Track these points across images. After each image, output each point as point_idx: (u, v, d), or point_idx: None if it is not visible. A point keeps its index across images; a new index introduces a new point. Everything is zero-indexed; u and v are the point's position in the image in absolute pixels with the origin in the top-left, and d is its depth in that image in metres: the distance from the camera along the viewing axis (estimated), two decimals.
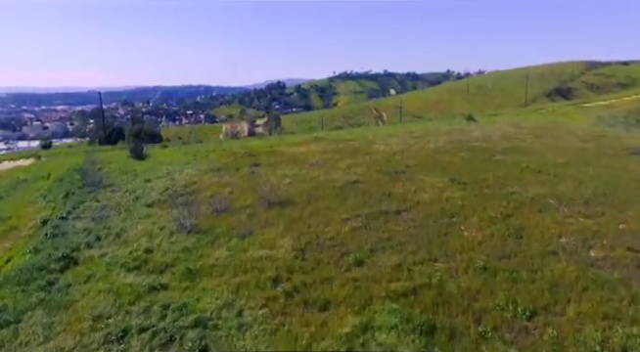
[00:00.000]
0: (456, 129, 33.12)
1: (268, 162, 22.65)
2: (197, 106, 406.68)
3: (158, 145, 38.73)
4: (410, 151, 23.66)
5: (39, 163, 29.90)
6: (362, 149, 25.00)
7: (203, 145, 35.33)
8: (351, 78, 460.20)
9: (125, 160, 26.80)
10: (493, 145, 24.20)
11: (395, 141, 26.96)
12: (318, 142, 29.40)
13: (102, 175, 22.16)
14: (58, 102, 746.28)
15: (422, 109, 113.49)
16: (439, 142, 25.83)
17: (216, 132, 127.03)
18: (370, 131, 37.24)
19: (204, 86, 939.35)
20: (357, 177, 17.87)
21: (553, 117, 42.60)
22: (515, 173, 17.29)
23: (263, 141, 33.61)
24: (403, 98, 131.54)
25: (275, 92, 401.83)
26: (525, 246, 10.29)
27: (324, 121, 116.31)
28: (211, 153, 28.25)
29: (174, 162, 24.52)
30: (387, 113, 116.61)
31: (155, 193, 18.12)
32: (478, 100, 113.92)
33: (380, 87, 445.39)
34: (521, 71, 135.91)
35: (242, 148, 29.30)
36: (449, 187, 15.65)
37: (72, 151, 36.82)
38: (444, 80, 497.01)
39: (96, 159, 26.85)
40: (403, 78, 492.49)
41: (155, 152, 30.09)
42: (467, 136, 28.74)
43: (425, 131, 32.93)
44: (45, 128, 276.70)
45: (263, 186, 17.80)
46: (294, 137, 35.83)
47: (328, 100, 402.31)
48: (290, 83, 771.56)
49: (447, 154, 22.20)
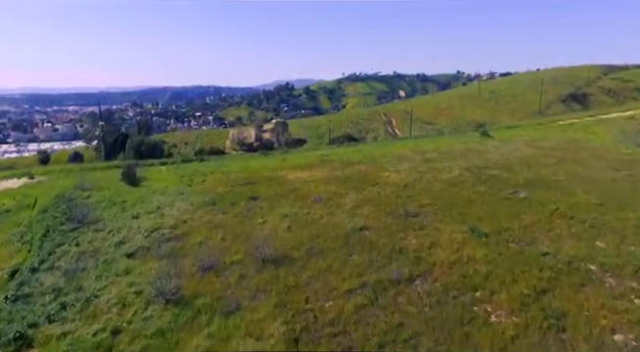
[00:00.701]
0: (471, 148, 30.98)
1: (268, 194, 20.80)
2: (206, 107, 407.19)
3: (157, 161, 37.09)
4: (422, 181, 21.64)
5: (30, 185, 28.37)
6: (370, 176, 23.03)
7: (203, 163, 33.59)
8: (360, 80, 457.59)
9: (118, 185, 25.15)
10: (514, 175, 22.07)
11: (406, 167, 24.93)
12: (324, 165, 27.48)
13: (88, 208, 20.48)
14: (70, 102, 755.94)
15: (432, 114, 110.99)
16: (454, 169, 23.75)
17: (223, 137, 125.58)
18: (378, 148, 35.20)
19: (213, 87, 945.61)
20: (364, 221, 15.94)
21: (573, 132, 40.16)
22: (544, 219, 15.22)
23: (266, 160, 31.75)
24: (413, 103, 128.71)
25: (284, 93, 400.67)
26: (571, 347, 8.27)
27: (332, 127, 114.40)
28: (209, 176, 26.53)
29: (168, 191, 22.79)
30: (396, 119, 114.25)
31: (140, 236, 16.39)
32: (490, 106, 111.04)
33: (389, 88, 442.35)
34: (534, 76, 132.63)
35: (242, 171, 27.51)
36: (469, 240, 13.65)
37: (68, 168, 35.28)
38: (454, 82, 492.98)
39: (86, 185, 25.19)
40: (413, 80, 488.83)
41: (150, 174, 28.40)
42: (483, 159, 26.62)
43: (437, 150, 30.84)
44: (55, 130, 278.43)
45: (259, 230, 15.98)
46: (299, 155, 33.93)
47: (337, 101, 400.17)
48: (299, 84, 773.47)
49: (464, 187, 20.14)
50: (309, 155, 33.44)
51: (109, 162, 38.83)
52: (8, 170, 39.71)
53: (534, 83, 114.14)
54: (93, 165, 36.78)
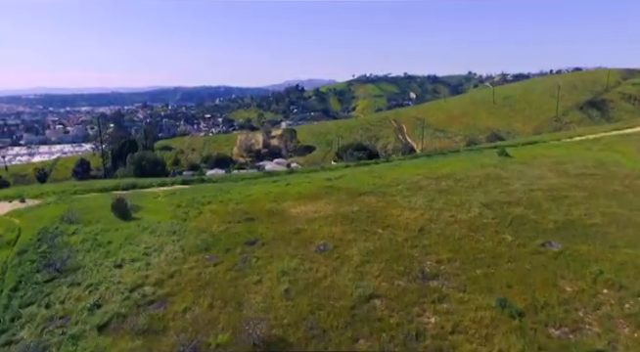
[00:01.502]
0: (490, 174, 28.57)
1: (267, 237, 18.76)
2: (215, 108, 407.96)
3: (156, 181, 35.31)
4: (439, 221, 19.39)
5: (18, 212, 26.68)
6: (380, 214, 20.83)
7: (202, 186, 31.70)
8: (370, 81, 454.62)
9: (108, 218, 23.30)
10: (542, 215, 19.70)
11: (420, 201, 22.65)
12: (330, 194, 25.33)
13: (70, 251, 18.66)
14: (82, 103, 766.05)
15: (444, 121, 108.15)
16: (474, 205, 21.43)
17: (231, 143, 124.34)
18: (390, 170, 32.94)
19: (223, 87, 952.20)
20: (373, 284, 13.80)
21: (598, 151, 37.45)
22: (587, 289, 12.92)
23: (269, 186, 29.69)
24: (424, 108, 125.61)
25: (293, 95, 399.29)
26: None
27: (342, 134, 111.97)
28: (207, 207, 24.62)
29: (159, 228, 20.87)
30: (407, 126, 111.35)
31: (118, 296, 14.44)
32: (504, 112, 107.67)
33: (399, 90, 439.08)
34: (550, 81, 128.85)
35: (242, 200, 25.51)
36: (499, 321, 11.44)
37: (63, 188, 33.64)
38: (466, 83, 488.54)
39: (74, 216, 23.39)
40: (423, 81, 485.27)
41: (145, 202, 26.52)
42: (505, 190, 24.24)
43: (453, 176, 28.52)
44: (66, 132, 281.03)
45: (253, 294, 13.93)
46: (304, 178, 31.77)
47: (346, 103, 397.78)
48: (309, 84, 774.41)
49: (487, 232, 17.86)
50: (315, 179, 31.32)
51: (106, 182, 37.06)
52: (3, 189, 38.36)
53: (550, 89, 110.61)
54: (90, 185, 35.09)
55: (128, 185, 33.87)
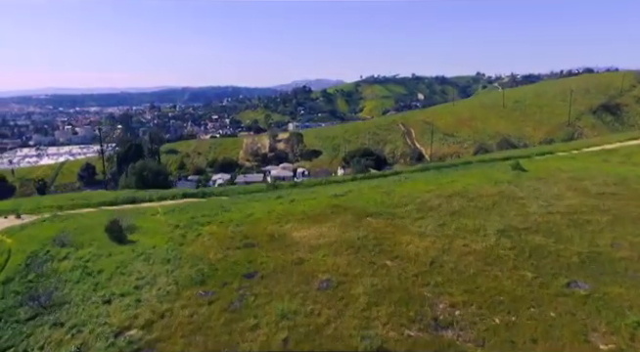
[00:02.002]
0: (504, 192, 27.05)
1: (267, 268, 17.53)
2: (223, 109, 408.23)
3: (157, 194, 34.22)
4: (452, 253, 17.98)
5: (11, 231, 25.73)
6: (388, 242, 19.46)
7: (204, 202, 30.55)
8: (378, 82, 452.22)
9: (101, 240, 22.24)
10: (564, 245, 18.20)
11: (431, 226, 21.23)
12: (335, 215, 24.00)
13: (57, 281, 17.56)
14: (91, 103, 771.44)
15: (453, 125, 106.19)
16: (489, 232, 19.96)
17: (237, 147, 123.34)
18: (399, 186, 31.52)
19: (231, 87, 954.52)
20: (381, 335, 12.46)
21: (617, 164, 35.72)
22: (625, 348, 11.45)
23: (272, 203, 28.44)
24: (433, 112, 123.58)
25: (301, 96, 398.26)
26: None
27: (348, 138, 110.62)
28: (206, 228, 23.47)
29: (153, 255, 19.72)
30: (415, 130, 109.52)
31: (102, 343, 13.24)
32: (514, 117, 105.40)
33: (407, 91, 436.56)
34: (562, 84, 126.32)
35: (243, 220, 24.32)
36: None
37: (60, 202, 32.72)
38: (474, 84, 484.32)
39: (67, 238, 22.34)
40: (431, 82, 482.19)
41: (142, 221, 25.41)
42: (521, 213, 22.74)
43: (466, 194, 27.04)
44: (75, 133, 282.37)
45: (249, 343, 12.67)
46: (310, 194, 30.42)
47: (354, 105, 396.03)
48: (317, 84, 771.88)
49: (505, 267, 16.44)
50: (320, 195, 30.01)
51: (105, 194, 36.01)
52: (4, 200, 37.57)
53: (562, 92, 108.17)
54: (88, 199, 34.08)
55: (127, 199, 32.89)
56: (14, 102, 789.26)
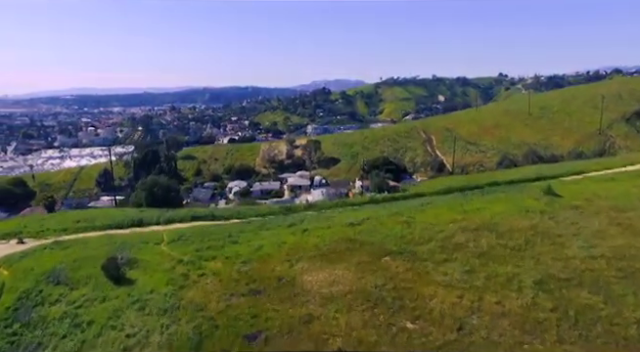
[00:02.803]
0: (538, 227, 24.44)
1: (273, 327, 15.64)
2: (242, 110, 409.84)
3: (164, 216, 32.76)
4: (483, 313, 15.72)
5: (9, 261, 24.53)
6: (409, 295, 17.31)
7: (212, 228, 28.84)
8: (398, 84, 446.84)
9: (97, 279, 20.70)
10: (615, 307, 15.71)
11: (457, 272, 18.92)
12: (350, 254, 21.93)
13: (40, 336, 15.99)
14: (115, 103, 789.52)
15: (476, 133, 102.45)
16: (524, 286, 17.56)
17: (254, 153, 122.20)
18: (421, 212, 29.20)
19: (251, 87, 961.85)
20: None
21: None
22: None
23: (282, 232, 26.50)
24: (454, 118, 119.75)
25: (320, 98, 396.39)
26: None
27: (367, 145, 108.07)
28: (210, 265, 21.74)
29: (150, 302, 18.03)
30: (436, 137, 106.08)
31: None
32: (541, 125, 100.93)
33: (428, 93, 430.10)
34: (592, 89, 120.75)
35: (250, 256, 22.47)
36: None
37: (65, 223, 31.57)
38: (496, 85, 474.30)
39: (63, 274, 20.94)
40: (453, 83, 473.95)
41: (144, 253, 23.83)
42: (561, 258, 20.20)
43: (494, 228, 24.58)
44: (97, 134, 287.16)
45: None
46: (323, 225, 28.27)
47: (374, 107, 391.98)
48: (337, 85, 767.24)
49: (546, 339, 14.13)
50: (336, 222, 27.92)
51: (113, 213, 34.69)
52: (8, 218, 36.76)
53: (593, 99, 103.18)
54: (93, 220, 32.83)
55: (133, 221, 31.51)
56: (42, 102, 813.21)
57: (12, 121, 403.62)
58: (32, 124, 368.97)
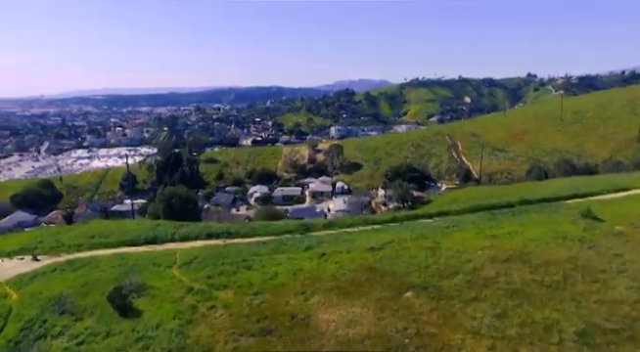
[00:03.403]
0: (578, 260, 22.28)
1: None
2: (266, 111, 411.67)
3: (180, 232, 31.94)
4: None
5: (18, 282, 24.07)
6: (433, 344, 15.66)
7: (222, 256, 27.74)
8: (423, 85, 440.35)
9: (103, 309, 19.83)
10: None
11: (487, 319, 17.11)
12: (370, 288, 20.37)
13: None
14: (142, 103, 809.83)
15: (504, 139, 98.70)
16: (565, 337, 15.65)
17: (277, 156, 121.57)
18: (446, 236, 27.36)
19: (275, 87, 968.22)
20: None
21: None
22: None
23: (298, 257, 25.16)
24: (481, 123, 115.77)
25: (343, 99, 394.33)
26: None
27: (390, 150, 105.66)
28: (221, 294, 20.61)
29: (155, 340, 16.97)
30: (462, 143, 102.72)
31: None
32: (573, 131, 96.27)
33: (453, 94, 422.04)
34: (630, 93, 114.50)
35: (263, 286, 21.21)
36: None
37: (80, 239, 31.12)
38: (525, 86, 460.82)
39: (68, 302, 20.19)
40: (479, 84, 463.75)
41: (153, 279, 22.90)
42: (605, 300, 18.13)
43: (528, 258, 22.58)
44: (124, 135, 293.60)
45: None
46: (342, 249, 26.80)
47: (398, 108, 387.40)
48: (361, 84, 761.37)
49: None
50: (355, 247, 26.39)
51: (129, 226, 34.07)
52: (28, 229, 36.73)
53: (631, 103, 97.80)
54: (108, 235, 32.29)
55: (148, 239, 30.80)
56: (74, 102, 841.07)
57: (45, 121, 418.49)
58: (64, 124, 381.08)
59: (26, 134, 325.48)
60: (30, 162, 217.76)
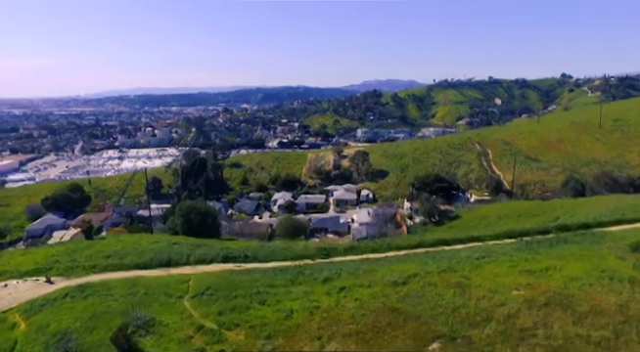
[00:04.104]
0: (630, 311, 19.80)
1: None
2: (292, 112, 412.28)
3: (196, 254, 30.90)
4: None
5: (28, 309, 23.43)
6: None
7: (236, 286, 26.46)
8: (452, 86, 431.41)
9: (107, 348, 18.79)
10: None
11: None
12: (392, 336, 18.59)
13: None
14: (173, 103, 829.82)
15: (538, 148, 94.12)
16: None
17: (301, 162, 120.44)
18: (476, 270, 25.24)
19: (303, 87, 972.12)
20: None
21: None
22: None
23: (316, 291, 23.57)
24: (513, 129, 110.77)
25: (370, 101, 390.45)
26: None
27: (418, 157, 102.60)
28: (231, 336, 19.40)
29: None
30: (492, 151, 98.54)
31: None
32: (613, 139, 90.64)
33: (483, 96, 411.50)
34: None
35: (277, 328, 19.79)
36: None
37: (94, 261, 30.53)
38: (559, 88, 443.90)
39: (73, 338, 19.29)
40: (510, 86, 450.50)
41: (162, 312, 21.78)
42: None
43: (569, 305, 20.28)
44: (154, 135, 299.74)
45: None
46: (363, 282, 25.02)
47: (425, 110, 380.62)
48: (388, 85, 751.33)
49: None
50: (377, 280, 24.58)
51: (146, 242, 33.23)
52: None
53: None
54: (123, 256, 31.55)
55: (162, 261, 29.86)
56: (109, 101, 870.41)
57: (81, 121, 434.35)
58: (97, 124, 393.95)
59: (63, 133, 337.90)
60: (64, 162, 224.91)
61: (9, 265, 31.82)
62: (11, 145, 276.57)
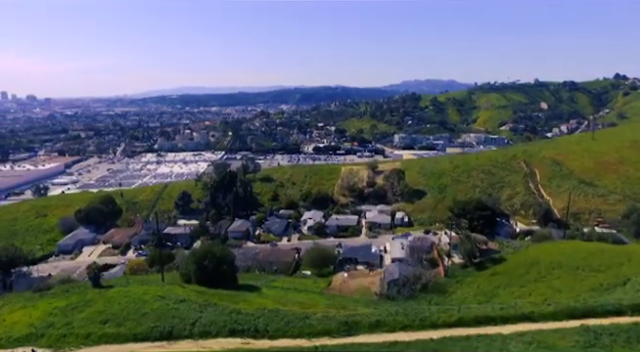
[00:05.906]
0: None
1: None
2: (329, 114, 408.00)
3: (201, 325, 27.56)
4: None
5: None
6: None
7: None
8: (495, 90, 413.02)
9: None
10: None
11: None
12: None
13: None
14: (213, 103, 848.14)
15: (593, 169, 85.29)
16: None
17: (334, 176, 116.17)
18: None
19: (341, 87, 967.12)
20: None
21: None
22: None
23: None
24: (565, 147, 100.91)
25: (409, 105, 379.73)
26: None
27: (457, 177, 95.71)
28: None
29: None
30: (540, 171, 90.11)
31: None
32: None
33: (528, 100, 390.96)
34: None
35: None
36: None
37: (89, 329, 27.80)
38: (612, 90, 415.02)
39: None
40: (558, 88, 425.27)
41: None
42: None
43: None
44: (191, 138, 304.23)
45: None
46: None
47: (466, 115, 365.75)
48: (428, 85, 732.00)
49: None
50: None
51: (143, 316, 29.87)
52: None
53: None
54: (119, 326, 28.57)
55: (163, 333, 26.76)
56: (152, 101, 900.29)
57: (125, 121, 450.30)
58: (140, 125, 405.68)
59: (107, 134, 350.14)
60: (106, 165, 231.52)
61: (3, 324, 29.73)
62: (59, 147, 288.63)
